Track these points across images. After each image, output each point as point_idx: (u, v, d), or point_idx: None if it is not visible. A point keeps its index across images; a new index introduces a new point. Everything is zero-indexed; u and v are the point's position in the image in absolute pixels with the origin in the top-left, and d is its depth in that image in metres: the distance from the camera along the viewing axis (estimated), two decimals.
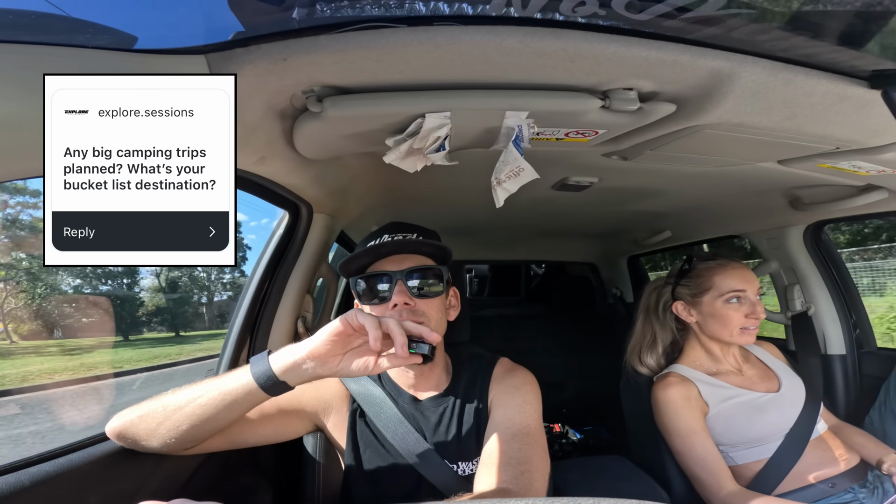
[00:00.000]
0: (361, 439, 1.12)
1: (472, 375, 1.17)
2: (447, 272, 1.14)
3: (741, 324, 1.51)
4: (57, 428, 3.87)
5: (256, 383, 0.84)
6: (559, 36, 0.70)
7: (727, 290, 1.52)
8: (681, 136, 1.05)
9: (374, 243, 1.11)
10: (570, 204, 2.03)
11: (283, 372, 0.83)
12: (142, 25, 0.58)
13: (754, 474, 1.44)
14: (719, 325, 1.54)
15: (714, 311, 1.54)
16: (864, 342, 2.03)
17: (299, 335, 1.53)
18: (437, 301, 1.10)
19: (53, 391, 4.95)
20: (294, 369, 0.83)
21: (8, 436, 3.42)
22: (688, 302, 1.60)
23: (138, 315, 8.06)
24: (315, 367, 0.83)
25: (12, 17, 0.51)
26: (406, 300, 1.05)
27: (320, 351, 0.82)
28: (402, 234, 1.12)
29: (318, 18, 0.64)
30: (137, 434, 0.92)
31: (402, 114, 0.89)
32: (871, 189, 1.46)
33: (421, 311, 1.06)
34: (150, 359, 6.75)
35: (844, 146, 1.09)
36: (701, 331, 1.60)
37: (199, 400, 0.88)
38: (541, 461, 0.97)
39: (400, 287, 1.06)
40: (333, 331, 0.81)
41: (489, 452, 0.98)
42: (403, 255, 1.10)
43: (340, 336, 0.81)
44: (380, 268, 1.10)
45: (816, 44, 0.70)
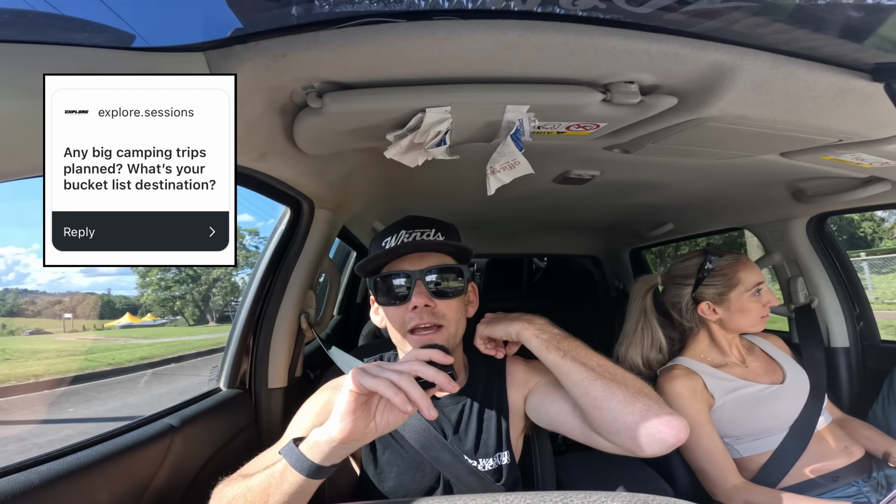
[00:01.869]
0: (380, 441, 1.09)
1: (489, 372, 1.16)
2: (468, 270, 1.11)
3: (761, 313, 1.54)
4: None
5: (307, 477, 0.79)
6: (560, 29, 0.69)
7: (752, 284, 1.54)
8: (682, 129, 1.04)
9: (391, 241, 1.09)
10: (571, 197, 2.02)
11: (325, 459, 0.78)
12: (140, 23, 0.58)
13: (759, 467, 1.44)
14: (745, 318, 1.55)
15: (742, 306, 1.54)
16: (867, 335, 2.02)
17: (302, 330, 1.54)
18: (456, 301, 1.07)
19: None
20: (335, 453, 0.78)
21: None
22: (714, 301, 1.58)
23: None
24: (355, 444, 0.79)
25: (9, 16, 0.51)
26: (426, 301, 1.03)
27: (351, 432, 0.76)
28: (420, 230, 1.09)
29: (316, 14, 0.64)
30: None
31: (402, 109, 0.89)
32: (873, 181, 1.46)
33: (441, 314, 1.04)
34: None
35: (847, 139, 1.09)
36: (721, 326, 1.59)
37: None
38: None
39: (419, 288, 1.03)
40: (347, 409, 0.76)
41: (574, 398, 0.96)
42: (423, 253, 1.08)
43: (357, 411, 0.76)
44: (398, 267, 1.06)
45: (819, 37, 0.69)
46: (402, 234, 1.09)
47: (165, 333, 13.70)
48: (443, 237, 1.10)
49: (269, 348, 1.46)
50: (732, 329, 1.58)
